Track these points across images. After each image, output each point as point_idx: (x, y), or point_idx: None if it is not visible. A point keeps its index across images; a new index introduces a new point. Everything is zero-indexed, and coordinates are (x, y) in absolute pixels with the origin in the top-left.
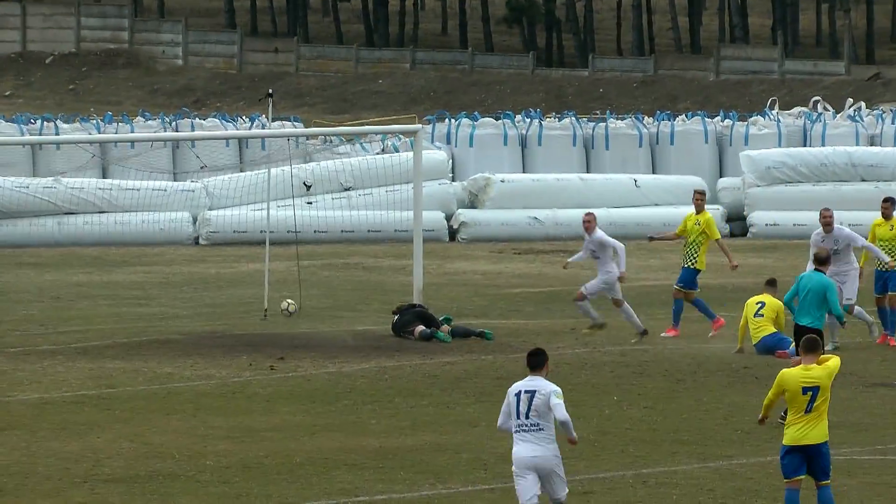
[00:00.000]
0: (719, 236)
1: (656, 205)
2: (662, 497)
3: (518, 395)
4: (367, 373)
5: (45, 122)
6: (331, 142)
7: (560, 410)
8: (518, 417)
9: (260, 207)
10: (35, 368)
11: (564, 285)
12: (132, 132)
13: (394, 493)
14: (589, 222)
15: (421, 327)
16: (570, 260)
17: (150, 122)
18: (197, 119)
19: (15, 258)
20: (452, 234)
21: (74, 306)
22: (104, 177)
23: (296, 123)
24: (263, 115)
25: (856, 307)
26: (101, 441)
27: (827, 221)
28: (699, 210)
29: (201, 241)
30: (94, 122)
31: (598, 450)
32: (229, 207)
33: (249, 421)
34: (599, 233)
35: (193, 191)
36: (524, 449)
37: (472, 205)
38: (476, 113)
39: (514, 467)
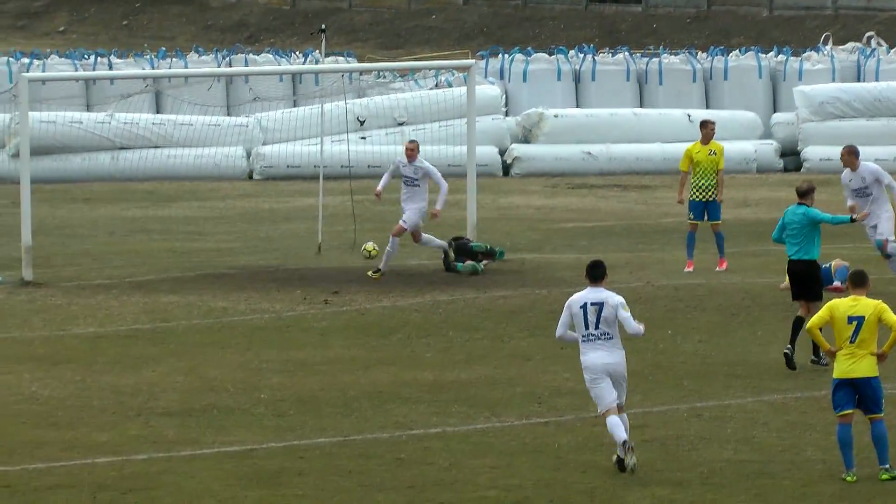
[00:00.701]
0: (723, 167)
1: None
2: (716, 430)
3: (584, 307)
4: (420, 307)
5: (98, 58)
6: (384, 77)
7: (630, 325)
8: (587, 328)
9: (313, 142)
10: (89, 303)
11: (618, 220)
12: (186, 67)
13: (448, 426)
14: (412, 150)
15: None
16: (378, 188)
17: (203, 57)
18: (251, 54)
19: (69, 193)
20: (506, 168)
21: (128, 241)
22: (158, 112)
23: (349, 59)
24: (317, 51)
25: (891, 244)
26: (156, 375)
27: (844, 160)
28: (709, 140)
29: (255, 176)
30: (148, 57)
31: (652, 384)
32: (283, 142)
33: (303, 355)
34: (424, 162)
35: (247, 125)
36: (597, 356)
37: (526, 140)
38: (529, 48)
39: (588, 374)
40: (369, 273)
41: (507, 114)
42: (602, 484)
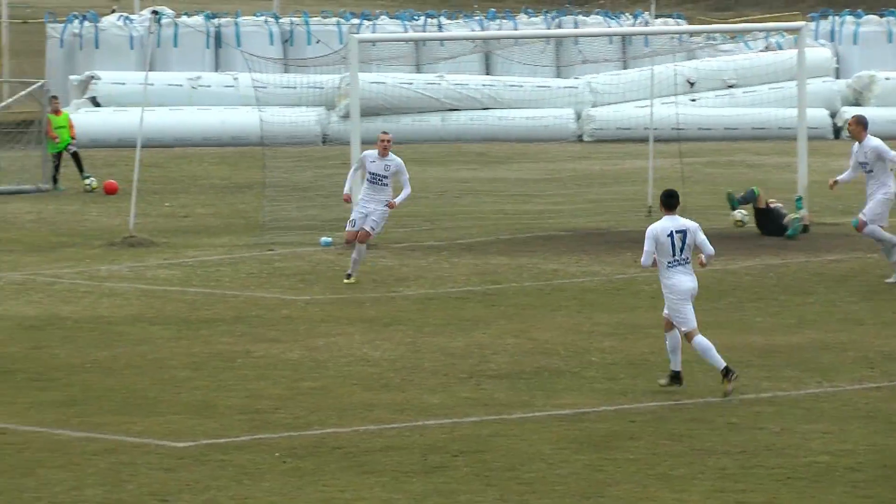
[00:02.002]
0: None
1: None
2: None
3: (671, 235)
4: (751, 270)
5: (428, 19)
6: (714, 39)
7: (708, 247)
8: (674, 255)
9: (643, 104)
10: (420, 264)
11: None
12: (515, 28)
13: (779, 390)
14: (387, 143)
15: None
16: (346, 190)
17: (532, 18)
18: (580, 16)
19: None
20: (837, 131)
21: (459, 202)
22: (487, 73)
23: (679, 21)
24: (646, 13)
25: (869, 227)
26: (486, 337)
27: (850, 130)
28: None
29: (585, 138)
30: (478, 18)
31: None
32: (612, 104)
33: (634, 318)
34: (396, 158)
35: (577, 87)
36: (683, 280)
37: (857, 102)
38: (860, 10)
39: (674, 296)
40: (345, 281)
41: (837, 76)
42: None
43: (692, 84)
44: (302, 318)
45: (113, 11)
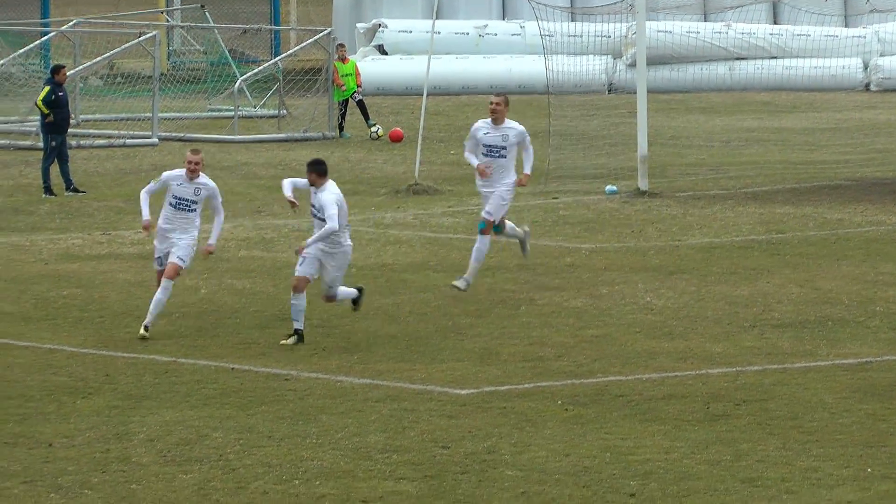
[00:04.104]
0: None
1: None
2: None
3: None
4: None
5: None
6: None
7: None
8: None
9: None
10: (705, 213)
11: None
12: None
13: None
14: (197, 164)
15: None
16: (144, 220)
17: None
18: None
19: (685, 103)
20: None
21: (744, 151)
22: (775, 22)
23: None
24: None
25: None
26: (770, 286)
27: None
28: None
29: (872, 88)
30: None
31: None
32: None
33: None
34: (209, 182)
35: (864, 37)
36: None
37: None
38: None
39: None
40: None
41: None
42: None
43: None
44: (585, 267)
45: None
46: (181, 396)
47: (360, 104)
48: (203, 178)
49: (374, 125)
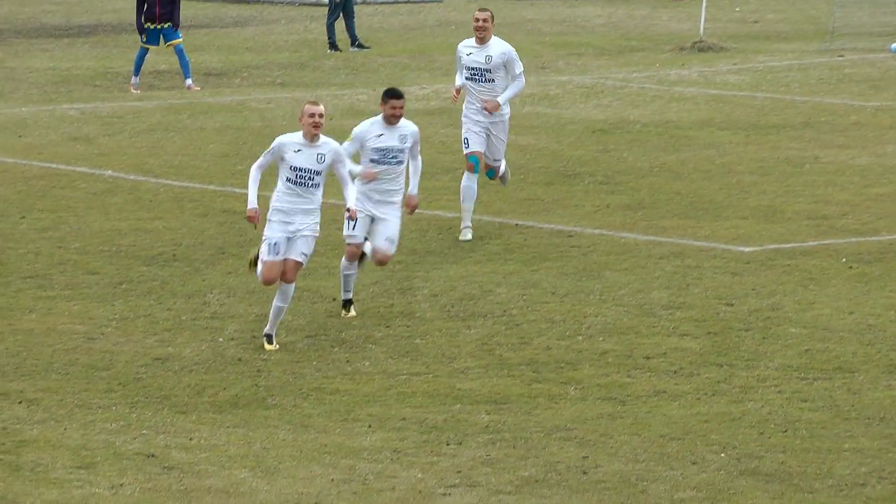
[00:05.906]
0: None
1: None
2: None
3: None
4: None
5: None
6: None
7: None
8: None
9: None
10: None
11: None
12: None
13: None
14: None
15: None
16: None
17: None
18: None
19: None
20: None
21: None
22: None
23: None
24: None
25: None
26: None
27: None
28: None
29: None
30: None
31: None
32: None
33: None
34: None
35: None
36: None
37: None
38: None
39: None
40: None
41: None
42: None
43: None
44: (871, 125)
45: None
46: (465, 252)
47: None
48: (325, 139)
49: None
